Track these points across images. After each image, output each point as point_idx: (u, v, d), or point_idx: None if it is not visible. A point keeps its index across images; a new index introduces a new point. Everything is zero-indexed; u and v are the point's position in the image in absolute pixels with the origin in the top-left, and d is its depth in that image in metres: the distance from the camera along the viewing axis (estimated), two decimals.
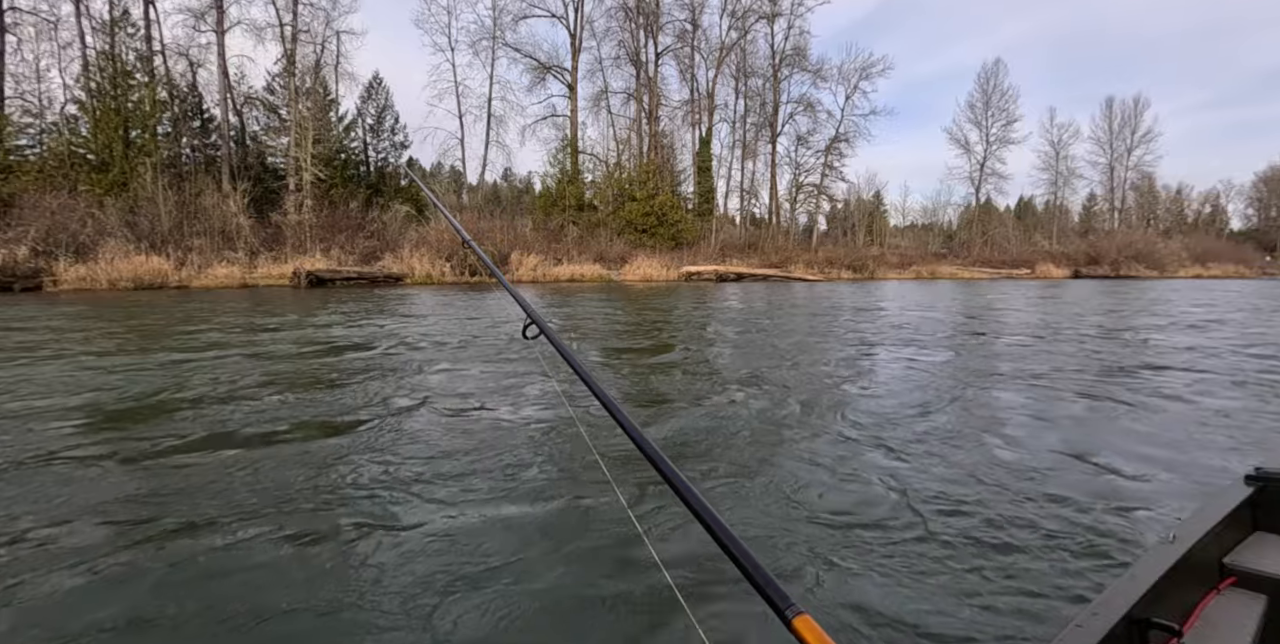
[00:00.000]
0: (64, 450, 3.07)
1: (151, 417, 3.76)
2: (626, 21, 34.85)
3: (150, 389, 4.47)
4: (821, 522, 2.30)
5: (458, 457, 3.00)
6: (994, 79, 41.34)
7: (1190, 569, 1.08)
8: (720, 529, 0.71)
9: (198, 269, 18.11)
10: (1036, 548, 2.08)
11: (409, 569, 1.93)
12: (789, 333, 8.25)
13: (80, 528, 2.21)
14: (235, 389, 4.47)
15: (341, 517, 2.31)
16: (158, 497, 2.49)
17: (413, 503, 2.45)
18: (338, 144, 28.75)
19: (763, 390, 4.63)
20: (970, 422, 3.78)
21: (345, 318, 9.54)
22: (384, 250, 22.03)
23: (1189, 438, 3.45)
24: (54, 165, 21.94)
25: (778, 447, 3.27)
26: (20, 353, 6.04)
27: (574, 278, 22.57)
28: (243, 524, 2.23)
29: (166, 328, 8.13)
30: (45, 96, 24.39)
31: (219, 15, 25.77)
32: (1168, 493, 2.62)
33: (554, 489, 2.59)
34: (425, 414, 3.85)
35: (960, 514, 2.36)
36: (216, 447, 3.13)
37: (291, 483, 2.63)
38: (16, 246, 16.06)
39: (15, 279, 15.73)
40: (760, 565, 0.66)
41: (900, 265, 33.12)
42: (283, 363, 5.63)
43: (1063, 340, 7.64)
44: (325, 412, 3.88)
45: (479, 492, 2.57)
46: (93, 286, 15.89)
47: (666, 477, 0.79)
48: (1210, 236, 50.02)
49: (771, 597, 0.63)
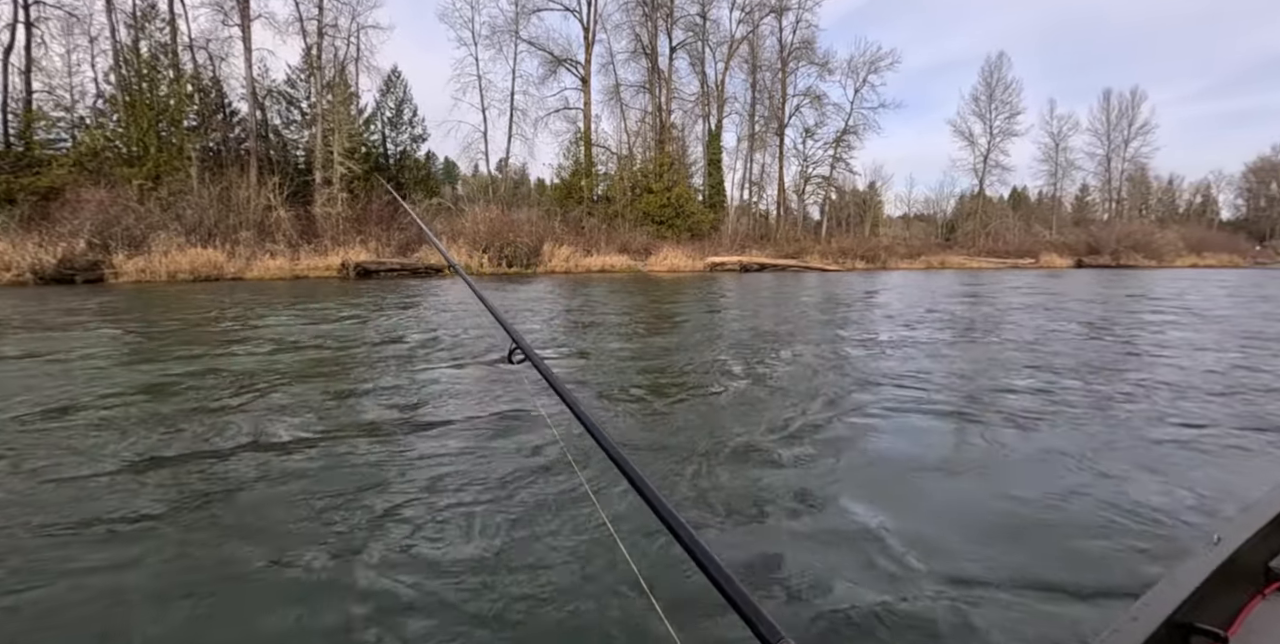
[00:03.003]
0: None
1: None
2: (642, 15, 35.23)
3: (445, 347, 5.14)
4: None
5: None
6: (997, 72, 42.13)
7: (1235, 572, 1.04)
8: (704, 556, 0.70)
9: (245, 261, 18.57)
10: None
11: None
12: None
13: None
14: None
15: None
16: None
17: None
18: (359, 138, 29.10)
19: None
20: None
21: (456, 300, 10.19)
22: (419, 242, 22.55)
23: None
24: (88, 158, 22.24)
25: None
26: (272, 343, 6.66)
27: (604, 269, 23.21)
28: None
29: (328, 311, 8.75)
30: (77, 90, 24.54)
31: (245, 9, 25.96)
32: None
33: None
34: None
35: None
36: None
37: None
38: (75, 240, 16.46)
39: (76, 271, 16.16)
40: (745, 593, 0.65)
41: (910, 255, 33.97)
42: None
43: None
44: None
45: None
46: (152, 279, 16.35)
47: (650, 502, 0.78)
48: (1202, 227, 51.32)
49: (757, 625, 0.62)
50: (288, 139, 28.95)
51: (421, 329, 7.35)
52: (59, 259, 15.94)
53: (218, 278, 17.15)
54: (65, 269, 16.05)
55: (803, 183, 40.58)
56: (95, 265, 16.56)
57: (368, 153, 30.58)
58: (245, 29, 26.34)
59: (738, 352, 5.91)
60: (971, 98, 42.84)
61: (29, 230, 17.09)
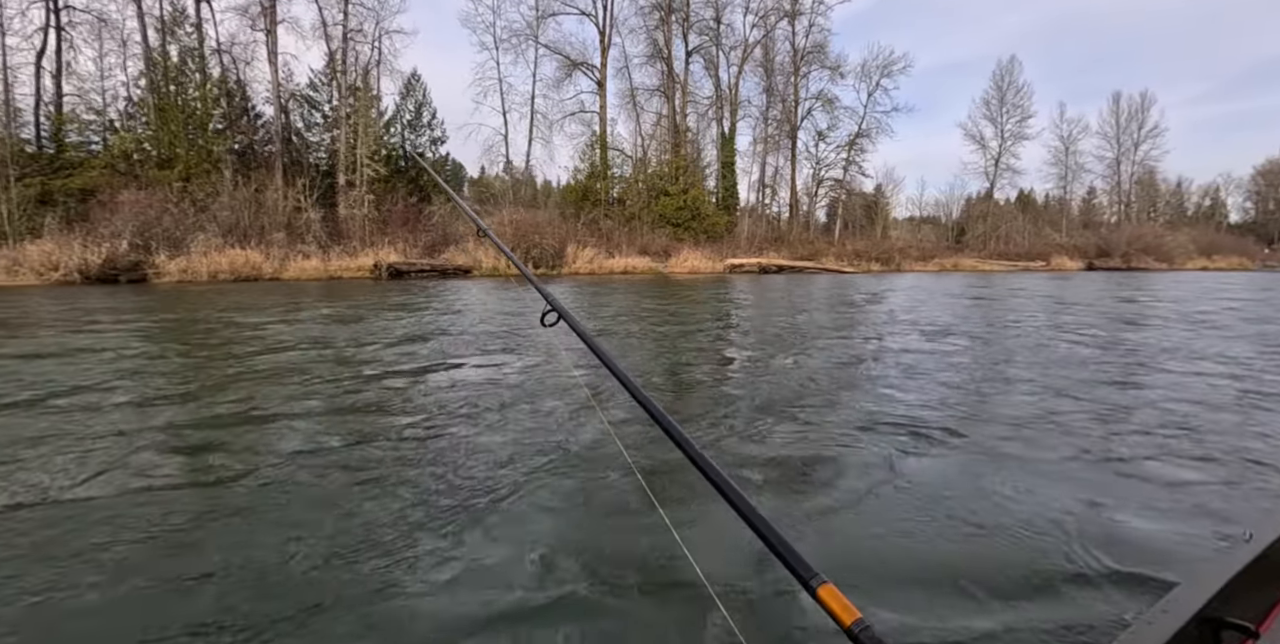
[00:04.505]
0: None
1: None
2: (658, 20, 35.65)
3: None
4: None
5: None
6: (1009, 75, 42.44)
7: (1267, 569, 1.04)
8: (743, 503, 0.72)
9: (279, 262, 18.95)
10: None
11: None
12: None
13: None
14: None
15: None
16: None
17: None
18: (382, 141, 29.53)
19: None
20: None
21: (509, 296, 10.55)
22: (443, 243, 22.94)
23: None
24: (119, 160, 22.68)
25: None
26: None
27: (626, 270, 23.57)
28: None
29: (416, 304, 9.09)
30: (109, 94, 24.98)
31: (271, 14, 26.40)
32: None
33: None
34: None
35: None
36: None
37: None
38: (117, 241, 16.85)
39: (119, 271, 16.55)
40: (784, 538, 0.68)
41: (923, 258, 34.26)
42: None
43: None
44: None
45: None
46: (194, 279, 16.73)
47: (691, 456, 0.81)
48: (1210, 229, 51.55)
49: (795, 567, 0.65)
50: (309, 142, 29.43)
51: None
52: (103, 259, 16.33)
53: (257, 278, 17.53)
54: (109, 269, 16.45)
55: (815, 185, 40.96)
56: (137, 266, 16.95)
57: (388, 155, 31.03)
58: (271, 34, 26.79)
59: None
60: (983, 101, 43.18)
61: (69, 231, 17.50)
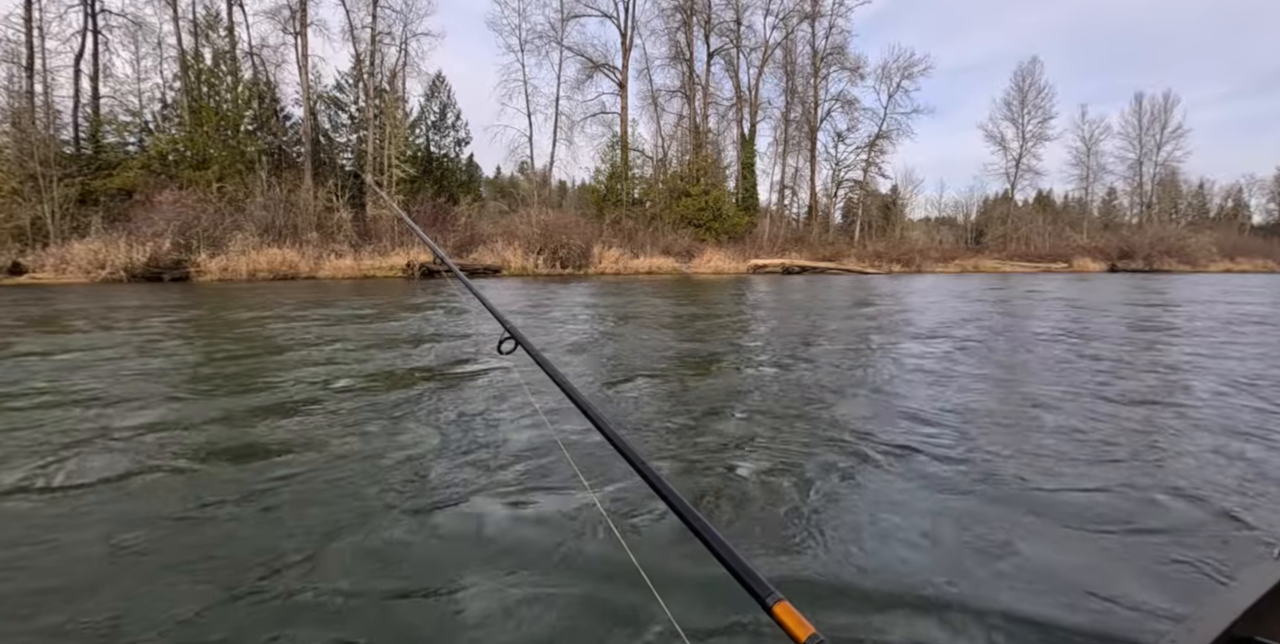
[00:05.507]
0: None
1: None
2: (679, 22, 35.86)
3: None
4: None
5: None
6: (1030, 76, 42.26)
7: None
8: (696, 520, 0.72)
9: (314, 262, 19.30)
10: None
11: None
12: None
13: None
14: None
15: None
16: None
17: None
18: (409, 142, 29.95)
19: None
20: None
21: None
22: (471, 243, 23.24)
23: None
24: (155, 161, 23.17)
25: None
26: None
27: (650, 270, 23.76)
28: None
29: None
30: (145, 95, 25.50)
31: (302, 17, 26.84)
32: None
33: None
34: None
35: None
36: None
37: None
38: (160, 240, 17.26)
39: (163, 269, 16.96)
40: (738, 554, 0.67)
41: (943, 259, 34.22)
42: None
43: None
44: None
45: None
46: (234, 277, 17.10)
47: (642, 473, 0.80)
48: (1233, 231, 50.99)
49: (750, 585, 0.64)
50: (336, 143, 29.90)
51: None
52: (148, 258, 16.74)
53: (294, 277, 17.88)
54: (153, 268, 16.86)
55: (834, 186, 41.00)
56: (179, 264, 17.36)
57: (414, 156, 31.46)
58: (301, 36, 27.24)
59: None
60: (1003, 102, 43.02)
61: (112, 230, 17.93)
